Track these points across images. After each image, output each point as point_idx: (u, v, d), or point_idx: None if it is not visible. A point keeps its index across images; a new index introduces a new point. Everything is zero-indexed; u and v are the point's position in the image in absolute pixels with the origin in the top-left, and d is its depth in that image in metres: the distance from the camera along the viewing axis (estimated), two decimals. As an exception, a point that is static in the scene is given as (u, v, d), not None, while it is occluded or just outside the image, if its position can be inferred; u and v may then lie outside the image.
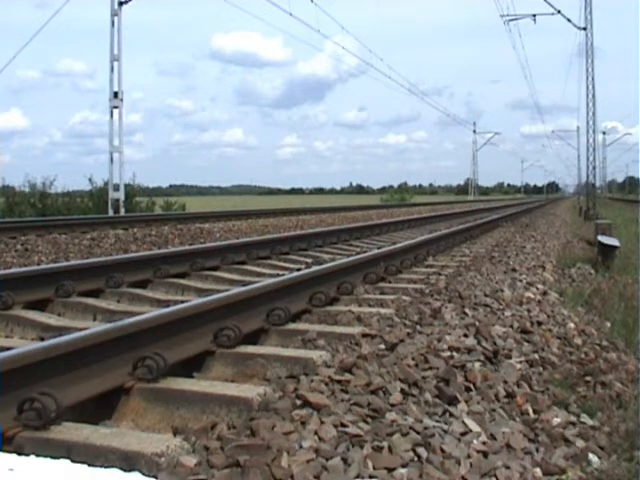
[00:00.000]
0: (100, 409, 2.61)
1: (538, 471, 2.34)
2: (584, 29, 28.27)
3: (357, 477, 1.89)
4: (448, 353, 3.22)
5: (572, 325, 4.81)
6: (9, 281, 4.47)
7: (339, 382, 2.58)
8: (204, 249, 7.15)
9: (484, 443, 2.34)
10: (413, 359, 3.03)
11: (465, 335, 3.63)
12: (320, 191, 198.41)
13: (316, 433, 2.11)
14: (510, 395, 3.01)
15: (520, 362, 3.51)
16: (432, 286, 5.35)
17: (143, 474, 1.40)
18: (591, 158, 29.90)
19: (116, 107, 18.82)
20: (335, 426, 2.16)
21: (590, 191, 30.64)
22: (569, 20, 27.46)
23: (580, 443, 2.72)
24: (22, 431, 2.14)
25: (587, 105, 29.49)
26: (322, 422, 2.18)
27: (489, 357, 3.41)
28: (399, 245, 7.68)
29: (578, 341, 4.39)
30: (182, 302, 3.76)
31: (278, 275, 5.48)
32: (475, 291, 5.11)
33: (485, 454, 2.24)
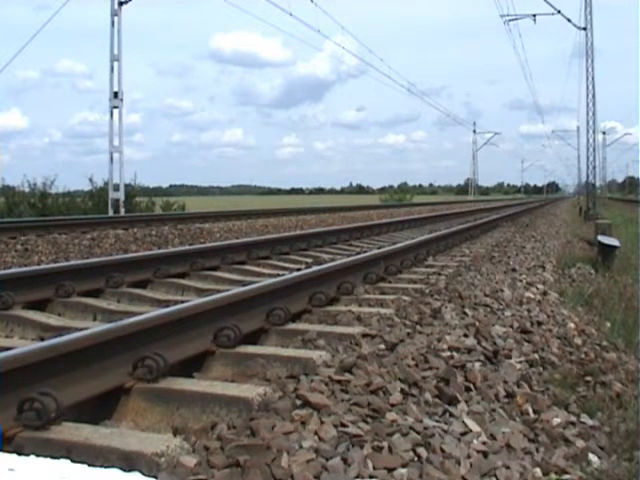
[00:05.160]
0: (100, 409, 2.61)
1: (538, 471, 2.34)
2: (584, 29, 28.28)
3: (357, 477, 1.89)
4: (448, 353, 3.22)
5: (572, 325, 4.81)
6: (9, 281, 4.46)
7: (339, 382, 2.58)
8: (204, 249, 7.15)
9: (484, 443, 2.34)
10: (413, 359, 3.03)
11: (465, 335, 3.63)
12: (320, 191, 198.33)
13: (316, 433, 2.11)
14: (510, 395, 3.01)
15: (520, 362, 3.51)
16: (432, 286, 5.35)
17: (143, 474, 1.40)
18: (591, 158, 29.93)
19: (116, 107, 18.81)
20: (335, 426, 2.16)
21: (590, 191, 30.65)
22: (569, 20, 27.48)
23: (580, 443, 2.72)
24: (22, 431, 2.14)
25: (587, 105, 29.51)
26: (322, 422, 2.18)
27: (489, 357, 3.41)
28: (399, 245, 7.68)
29: (578, 341, 4.39)
30: (182, 302, 3.76)
31: (278, 275, 5.48)
32: (475, 291, 5.11)
33: (485, 454, 2.24)
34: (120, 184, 18.99)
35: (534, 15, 27.78)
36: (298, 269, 6.11)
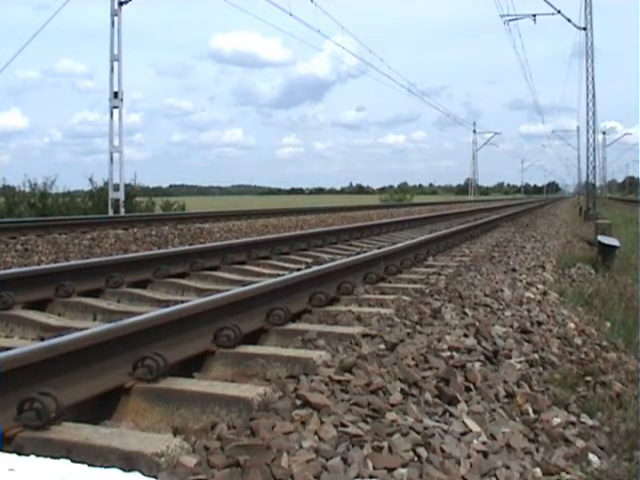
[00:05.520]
0: (100, 409, 2.61)
1: (538, 471, 2.34)
2: (584, 29, 28.28)
3: (357, 477, 1.89)
4: (448, 353, 3.22)
5: (572, 325, 4.81)
6: (9, 281, 4.46)
7: (339, 382, 2.58)
8: (204, 249, 7.15)
9: (484, 443, 2.34)
10: (413, 359, 3.03)
11: (465, 335, 3.63)
12: (320, 191, 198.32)
13: (316, 433, 2.10)
14: (510, 395, 3.01)
15: (520, 362, 3.51)
16: (432, 286, 5.34)
17: (143, 474, 1.40)
18: (591, 158, 29.93)
19: (116, 107, 18.81)
20: (335, 426, 2.16)
21: (590, 191, 30.65)
22: (569, 20, 27.48)
23: (580, 443, 2.72)
24: (22, 431, 2.14)
25: (587, 105, 29.50)
26: (322, 422, 2.18)
27: (489, 357, 3.41)
28: (399, 245, 7.68)
29: (578, 341, 4.39)
30: (182, 302, 3.76)
31: (278, 275, 5.48)
32: (475, 291, 5.11)
33: (485, 454, 2.24)
34: (120, 184, 18.99)
35: (534, 15, 27.80)
36: (298, 269, 6.11)
